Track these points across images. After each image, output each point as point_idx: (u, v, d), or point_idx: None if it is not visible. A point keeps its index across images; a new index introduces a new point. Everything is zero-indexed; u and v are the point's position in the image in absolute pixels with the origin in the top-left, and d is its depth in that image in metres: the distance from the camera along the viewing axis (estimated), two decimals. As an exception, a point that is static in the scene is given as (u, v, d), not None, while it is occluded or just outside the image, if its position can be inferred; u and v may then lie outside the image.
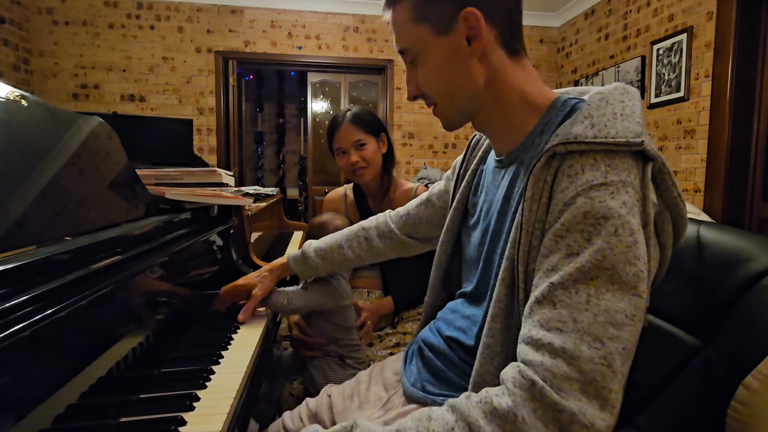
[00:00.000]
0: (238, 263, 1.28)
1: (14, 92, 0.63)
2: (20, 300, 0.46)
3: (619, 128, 0.54)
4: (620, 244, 0.49)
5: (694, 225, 0.77)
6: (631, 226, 0.50)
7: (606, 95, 0.58)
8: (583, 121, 0.56)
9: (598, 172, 0.52)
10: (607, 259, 0.49)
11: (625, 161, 0.53)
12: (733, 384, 0.59)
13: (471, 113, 0.69)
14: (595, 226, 0.50)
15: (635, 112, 0.56)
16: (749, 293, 0.62)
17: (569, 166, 0.54)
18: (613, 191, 0.51)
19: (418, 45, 0.66)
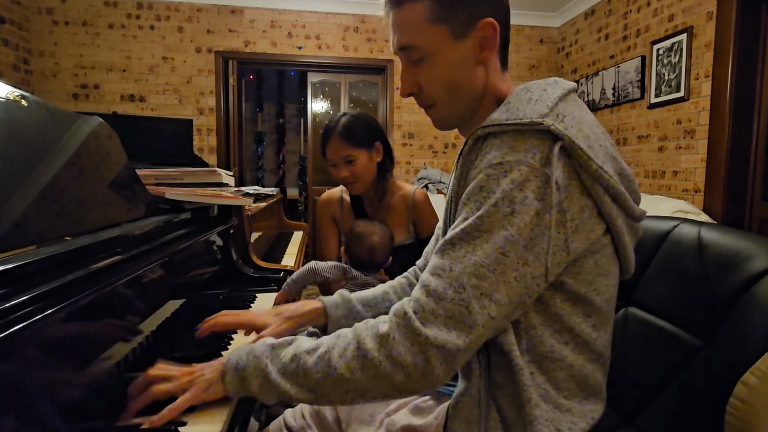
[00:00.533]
0: (238, 263, 1.28)
1: (14, 92, 0.63)
2: (20, 300, 0.46)
3: (528, 111, 0.60)
4: (497, 214, 0.58)
5: (694, 226, 0.77)
6: (511, 199, 0.58)
7: (531, 85, 0.66)
8: (502, 107, 0.64)
9: (499, 152, 0.60)
10: (484, 223, 0.58)
11: (528, 141, 0.59)
12: (732, 382, 0.59)
13: (465, 117, 0.74)
14: (486, 198, 0.59)
15: (551, 97, 0.62)
16: (749, 293, 0.63)
17: (485, 146, 0.62)
18: (506, 170, 0.58)
19: (432, 45, 0.68)
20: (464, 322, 0.57)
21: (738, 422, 0.58)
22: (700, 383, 0.68)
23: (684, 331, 0.73)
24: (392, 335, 0.59)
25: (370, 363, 0.59)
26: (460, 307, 0.57)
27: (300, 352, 0.63)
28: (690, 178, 2.88)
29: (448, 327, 0.57)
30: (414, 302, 0.60)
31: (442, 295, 0.58)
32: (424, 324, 0.58)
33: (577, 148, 0.58)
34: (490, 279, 0.58)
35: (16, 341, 0.43)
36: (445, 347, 0.57)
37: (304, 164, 5.95)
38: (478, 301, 0.57)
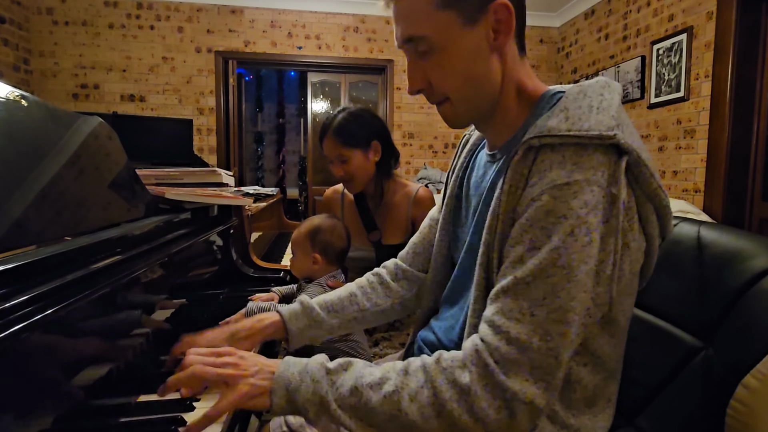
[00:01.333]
0: (237, 263, 1.28)
1: (14, 92, 0.63)
2: (20, 300, 0.46)
3: (592, 121, 0.54)
4: (575, 244, 0.52)
5: (694, 225, 0.77)
6: (587, 226, 0.52)
7: (585, 88, 0.59)
8: (559, 114, 0.56)
9: (564, 171, 0.53)
10: (562, 257, 0.52)
11: (594, 157, 0.53)
12: (732, 384, 0.59)
13: (484, 112, 0.66)
14: (555, 225, 0.53)
15: (612, 105, 0.56)
16: (749, 293, 0.63)
17: (541, 161, 0.56)
18: (576, 191, 0.52)
19: (441, 34, 0.60)
20: (553, 373, 0.53)
21: (738, 425, 0.58)
22: (700, 384, 0.67)
23: (683, 331, 0.73)
24: (474, 389, 0.53)
25: (449, 415, 0.54)
26: (548, 358, 0.52)
27: (362, 386, 0.57)
28: (690, 178, 2.88)
29: (534, 379, 0.52)
30: (493, 351, 0.54)
31: (527, 344, 0.53)
32: (507, 375, 0.53)
33: (642, 165, 0.54)
34: (577, 323, 0.53)
35: (16, 341, 0.43)
36: (534, 402, 0.52)
37: (304, 164, 5.94)
38: (565, 349, 0.53)
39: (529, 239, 0.55)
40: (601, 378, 0.63)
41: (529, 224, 0.55)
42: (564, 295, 0.53)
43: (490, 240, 0.61)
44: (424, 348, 0.80)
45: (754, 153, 2.61)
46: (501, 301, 0.56)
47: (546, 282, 0.53)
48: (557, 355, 0.53)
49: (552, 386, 0.53)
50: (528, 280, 0.54)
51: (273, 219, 2.47)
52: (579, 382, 0.61)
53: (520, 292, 0.54)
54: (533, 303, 0.53)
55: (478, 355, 0.55)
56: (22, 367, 0.45)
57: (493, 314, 0.56)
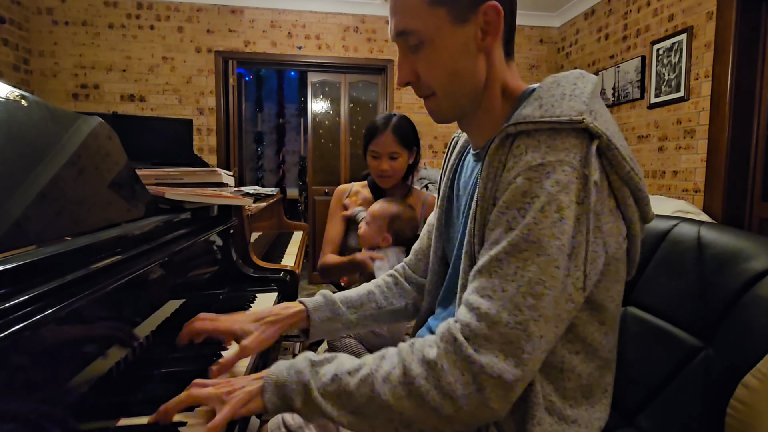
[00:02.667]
0: (238, 263, 1.28)
1: (14, 92, 0.63)
2: (20, 300, 0.46)
3: (564, 107, 0.56)
4: (545, 220, 0.53)
5: (694, 225, 0.77)
6: (558, 203, 0.54)
7: (560, 79, 0.61)
8: (533, 102, 0.59)
9: (538, 153, 0.55)
10: (533, 233, 0.54)
11: (567, 140, 0.55)
12: (732, 383, 0.59)
13: (466, 109, 0.69)
14: (530, 204, 0.54)
15: (584, 92, 0.58)
16: (749, 293, 0.63)
17: (516, 146, 0.58)
18: (549, 170, 0.54)
19: (431, 29, 0.63)
20: (522, 348, 0.53)
21: (738, 424, 0.58)
22: (700, 383, 0.67)
23: (683, 331, 0.73)
24: (440, 363, 0.54)
25: (417, 391, 0.54)
26: (518, 331, 0.53)
27: (341, 372, 0.59)
28: (690, 178, 2.88)
29: (505, 354, 0.53)
30: (464, 326, 0.55)
31: (496, 318, 0.53)
32: (477, 351, 0.53)
33: (613, 148, 0.56)
34: (547, 297, 0.53)
35: (16, 341, 0.43)
36: (502, 376, 0.52)
37: (304, 164, 5.95)
38: (536, 323, 0.53)
39: (505, 221, 0.56)
40: (594, 367, 0.64)
41: (505, 206, 0.57)
42: (534, 270, 0.53)
43: (472, 227, 0.63)
44: None
45: (754, 153, 2.61)
46: (476, 280, 0.58)
47: (517, 257, 0.54)
48: (526, 328, 0.53)
49: (523, 362, 0.53)
50: (500, 257, 0.55)
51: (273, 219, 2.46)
52: (572, 370, 0.62)
53: (492, 269, 0.56)
54: (504, 279, 0.55)
55: (449, 332, 0.56)
56: (22, 367, 0.45)
57: (468, 294, 0.58)
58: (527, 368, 0.53)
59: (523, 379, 0.54)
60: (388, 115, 1.55)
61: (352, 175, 4.37)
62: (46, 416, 0.48)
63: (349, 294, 0.90)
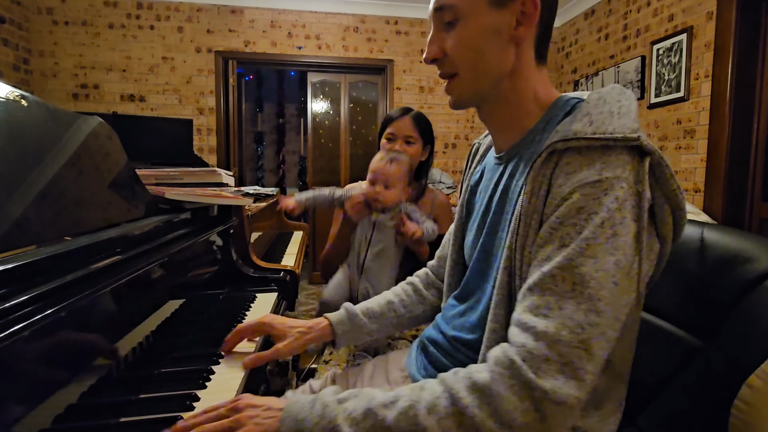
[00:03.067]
0: (237, 263, 1.28)
1: (14, 92, 0.63)
2: (20, 300, 0.46)
3: (616, 125, 0.56)
4: (603, 236, 0.52)
5: (696, 226, 0.77)
6: (615, 220, 0.53)
7: (604, 95, 0.61)
8: (582, 119, 0.58)
9: (593, 169, 0.54)
10: (590, 248, 0.52)
11: (621, 157, 0.55)
12: (734, 384, 0.59)
13: (486, 96, 0.69)
14: (587, 220, 0.53)
15: (631, 110, 0.59)
16: (751, 294, 0.63)
17: (567, 163, 0.57)
18: (606, 188, 0.53)
19: (468, 7, 0.64)
20: (584, 368, 0.50)
21: (742, 424, 0.58)
22: (702, 384, 0.67)
23: (685, 331, 0.73)
24: (496, 389, 0.51)
25: (470, 422, 0.50)
26: (580, 350, 0.50)
27: (374, 406, 0.54)
28: (690, 178, 2.88)
29: (566, 376, 0.50)
30: (520, 348, 0.52)
31: (556, 337, 0.50)
32: (536, 374, 0.50)
33: (663, 165, 0.56)
34: (608, 314, 0.51)
35: (16, 341, 0.43)
36: (566, 402, 0.49)
37: (304, 164, 5.94)
38: (598, 341, 0.51)
39: (559, 237, 0.55)
40: (609, 379, 0.63)
41: (559, 223, 0.55)
42: (593, 285, 0.51)
43: (513, 243, 0.61)
44: (429, 346, 0.81)
45: (754, 153, 2.61)
46: (528, 299, 0.55)
47: (573, 273, 0.52)
48: (588, 347, 0.50)
49: (585, 383, 0.50)
50: (554, 273, 0.53)
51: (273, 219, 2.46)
52: None
53: (546, 286, 0.53)
54: (561, 296, 0.52)
55: (504, 354, 0.53)
56: (23, 366, 0.45)
57: (520, 314, 0.55)
58: (588, 389, 0.51)
59: (583, 401, 0.51)
60: (407, 107, 1.57)
61: (352, 175, 4.37)
62: (47, 416, 0.48)
63: (369, 305, 0.92)
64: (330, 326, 0.87)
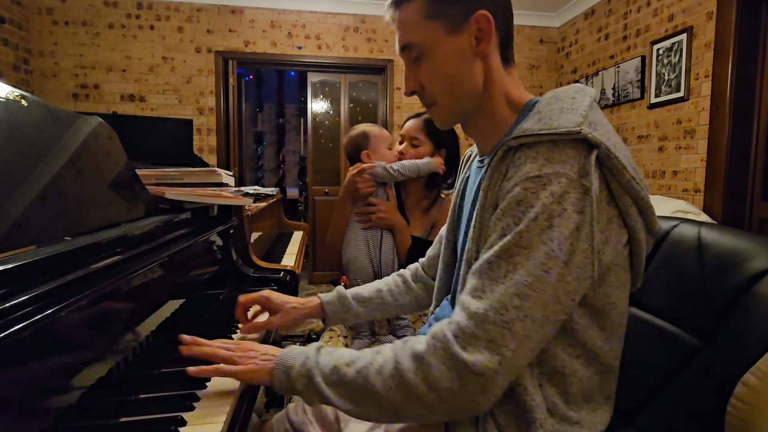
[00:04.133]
0: (237, 263, 1.28)
1: (14, 92, 0.63)
2: (20, 300, 0.46)
3: (561, 120, 0.59)
4: (536, 227, 0.56)
5: (694, 226, 0.77)
6: (550, 212, 0.56)
7: (558, 93, 0.65)
8: (533, 117, 0.62)
9: (536, 164, 0.58)
10: (524, 239, 0.57)
11: (565, 152, 0.57)
12: (732, 382, 0.59)
13: (467, 113, 0.73)
14: (524, 212, 0.57)
15: (582, 106, 0.60)
16: (749, 293, 0.63)
17: (518, 158, 0.61)
18: (545, 182, 0.57)
19: (428, 41, 0.68)
20: (506, 345, 0.55)
21: (739, 422, 0.58)
22: (700, 383, 0.68)
23: (684, 330, 0.73)
24: (428, 359, 0.58)
25: (405, 384, 0.58)
26: (502, 329, 0.55)
27: (339, 364, 0.64)
28: (690, 178, 2.88)
29: (489, 351, 0.56)
30: (454, 325, 0.58)
31: (483, 317, 0.56)
32: (464, 348, 0.56)
33: (612, 157, 0.57)
34: (534, 298, 0.56)
35: (16, 341, 0.43)
36: (485, 374, 0.55)
37: (304, 164, 5.94)
38: (521, 322, 0.56)
39: (500, 227, 0.59)
40: (595, 372, 0.65)
41: (501, 213, 0.60)
42: (522, 272, 0.56)
43: (473, 235, 0.66)
44: None
45: (754, 153, 2.61)
46: (469, 282, 0.61)
47: (507, 261, 0.57)
48: (511, 327, 0.55)
49: (506, 359, 0.55)
50: (491, 259, 0.59)
51: (273, 219, 2.46)
52: (573, 374, 0.63)
53: (484, 271, 0.59)
54: (494, 280, 0.58)
55: (441, 330, 0.59)
56: (22, 366, 0.45)
57: (462, 295, 0.61)
58: (510, 365, 0.56)
59: (506, 375, 0.57)
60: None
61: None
62: (47, 416, 0.48)
63: (360, 290, 1.01)
64: (321, 305, 0.97)
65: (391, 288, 1.02)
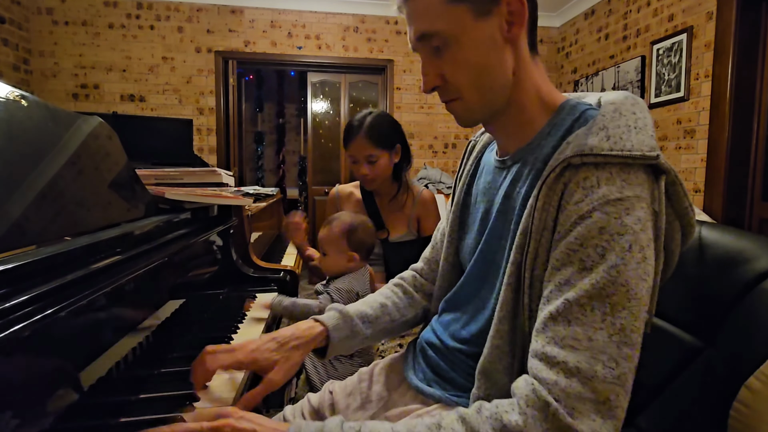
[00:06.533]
0: (237, 263, 1.28)
1: (14, 92, 0.63)
2: (20, 300, 0.46)
3: (634, 141, 0.54)
4: (632, 260, 0.50)
5: (695, 225, 0.77)
6: (641, 243, 0.50)
7: (619, 106, 0.58)
8: (598, 132, 0.55)
9: (614, 186, 0.52)
10: (622, 275, 0.49)
11: (639, 175, 0.53)
12: (734, 385, 0.59)
13: (496, 108, 0.65)
14: (610, 242, 0.50)
15: (647, 125, 0.56)
16: (751, 294, 0.62)
17: (584, 178, 0.54)
18: (628, 207, 0.51)
19: (454, 27, 0.60)
20: (621, 405, 0.48)
21: (742, 426, 0.58)
22: (701, 384, 0.67)
23: (684, 331, 0.72)
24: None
25: None
26: (616, 386, 0.48)
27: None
28: (690, 178, 2.88)
29: (602, 414, 0.47)
30: (552, 386, 0.49)
31: (590, 372, 0.47)
32: (572, 415, 0.47)
33: (677, 184, 0.54)
34: (638, 345, 0.49)
35: (16, 341, 0.43)
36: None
37: (304, 164, 5.94)
38: (632, 374, 0.49)
39: (579, 259, 0.52)
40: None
41: (578, 243, 0.52)
42: (626, 315, 0.49)
43: (521, 259, 0.58)
44: (427, 349, 0.80)
45: (754, 153, 2.61)
46: (551, 329, 0.51)
47: (604, 302, 0.49)
48: (624, 383, 0.48)
49: (619, 419, 0.48)
50: (582, 302, 0.50)
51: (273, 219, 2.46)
52: None
53: (573, 316, 0.50)
54: (590, 327, 0.49)
55: (535, 394, 0.49)
56: (22, 367, 0.45)
57: (544, 345, 0.51)
58: (620, 424, 0.49)
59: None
60: (363, 114, 1.45)
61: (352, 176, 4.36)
62: (47, 416, 0.48)
63: (363, 309, 0.84)
64: (326, 332, 0.77)
65: (395, 301, 0.88)
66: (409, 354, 0.86)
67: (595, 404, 0.47)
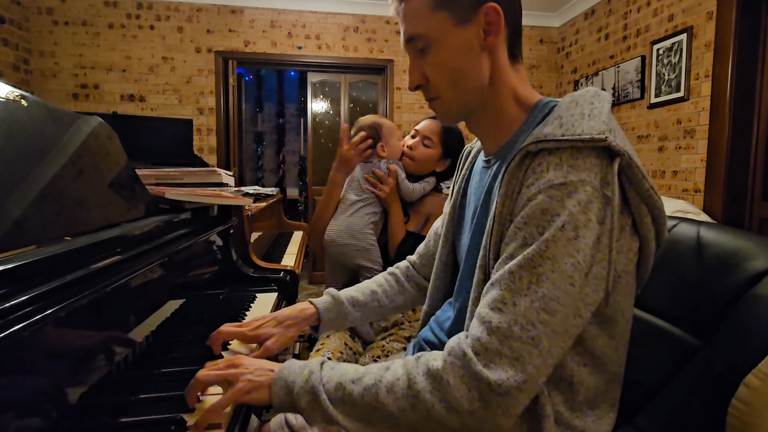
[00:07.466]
0: (237, 263, 1.28)
1: (14, 92, 0.63)
2: (20, 300, 0.46)
3: (585, 127, 0.57)
4: (563, 238, 0.54)
5: (694, 225, 0.77)
6: (577, 223, 0.54)
7: (577, 98, 0.62)
8: (554, 121, 0.60)
9: (560, 171, 0.56)
10: (549, 249, 0.54)
11: (588, 160, 0.56)
12: (733, 383, 0.59)
13: (471, 108, 0.71)
14: (549, 222, 0.55)
15: (602, 112, 0.59)
16: (749, 293, 0.63)
17: (538, 164, 0.58)
18: (570, 190, 0.55)
19: (435, 32, 0.66)
20: (532, 362, 0.53)
21: (740, 424, 0.58)
22: (700, 383, 0.68)
23: (683, 330, 0.73)
24: (447, 378, 0.55)
25: (422, 405, 0.55)
26: (529, 346, 0.53)
27: (344, 381, 0.60)
28: (690, 178, 2.88)
29: (514, 368, 0.53)
30: (474, 341, 0.55)
31: (508, 332, 0.53)
32: (487, 366, 0.53)
33: (634, 166, 0.56)
34: (560, 313, 0.54)
35: (16, 341, 0.43)
36: (510, 393, 0.52)
37: (304, 164, 5.94)
38: (547, 338, 0.53)
39: (522, 236, 0.57)
40: (602, 380, 0.64)
41: (523, 222, 0.57)
42: (548, 285, 0.54)
43: (488, 242, 0.63)
44: (424, 345, 0.82)
45: (754, 153, 2.61)
46: (489, 294, 0.58)
47: (531, 272, 0.55)
48: (538, 343, 0.53)
49: (531, 376, 0.53)
50: (514, 270, 0.56)
51: (273, 219, 2.46)
52: (581, 383, 0.62)
53: (505, 283, 0.56)
54: (517, 293, 0.55)
55: (459, 346, 0.56)
56: (22, 367, 0.45)
57: (480, 307, 0.58)
58: (533, 383, 0.54)
59: (529, 393, 0.54)
60: None
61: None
62: (46, 416, 0.48)
63: (354, 294, 0.96)
64: (317, 313, 0.90)
65: (385, 289, 0.99)
66: (409, 353, 0.87)
67: (509, 360, 0.53)
